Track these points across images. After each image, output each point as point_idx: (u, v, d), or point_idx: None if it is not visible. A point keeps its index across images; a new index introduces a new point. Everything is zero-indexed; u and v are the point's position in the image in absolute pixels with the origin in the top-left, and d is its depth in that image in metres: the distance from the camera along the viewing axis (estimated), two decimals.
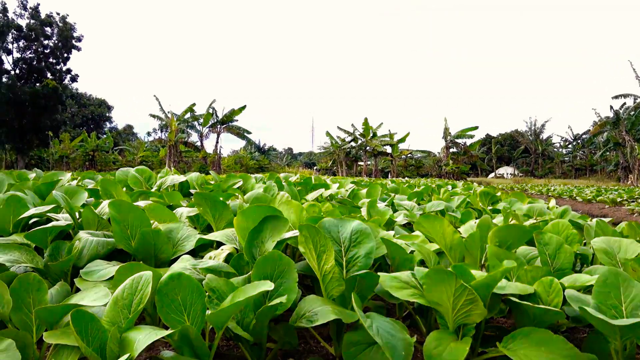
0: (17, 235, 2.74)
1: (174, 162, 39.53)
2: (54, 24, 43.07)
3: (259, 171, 51.69)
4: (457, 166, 46.42)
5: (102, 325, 1.56)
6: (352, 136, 48.10)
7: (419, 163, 54.21)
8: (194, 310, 1.67)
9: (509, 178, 65.40)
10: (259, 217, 2.26)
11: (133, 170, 5.32)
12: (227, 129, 42.52)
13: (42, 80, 41.51)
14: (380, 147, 46.35)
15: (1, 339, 1.65)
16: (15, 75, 41.15)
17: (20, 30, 41.75)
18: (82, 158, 45.70)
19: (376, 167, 48.29)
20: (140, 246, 2.44)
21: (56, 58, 43.57)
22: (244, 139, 45.84)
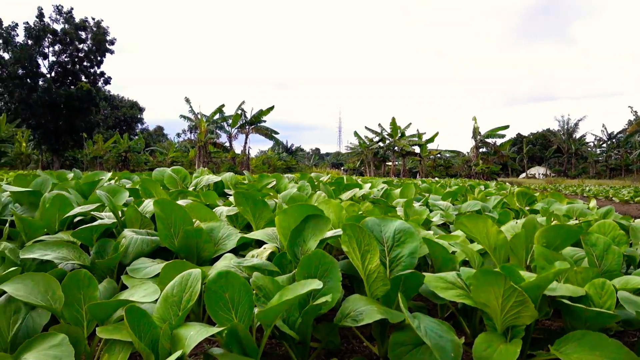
0: (63, 233, 2.81)
1: (203, 162, 40.05)
2: (88, 28, 44.18)
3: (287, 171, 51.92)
4: (488, 166, 45.67)
5: (153, 322, 1.59)
6: (380, 136, 47.86)
7: (448, 163, 53.55)
8: (242, 308, 1.68)
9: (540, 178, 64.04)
10: (300, 216, 2.26)
11: (169, 170, 5.41)
12: (255, 129, 42.85)
13: (77, 83, 42.64)
14: (408, 147, 45.97)
15: (55, 333, 1.70)
16: (51, 78, 42.35)
17: (56, 35, 42.96)
18: (115, 159, 46.77)
19: (404, 167, 47.91)
20: (183, 244, 2.48)
21: (90, 61, 44.68)
22: (272, 140, 46.11)
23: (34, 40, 41.87)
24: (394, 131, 45.43)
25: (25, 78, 40.97)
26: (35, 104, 39.77)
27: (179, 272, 2.07)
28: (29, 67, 41.00)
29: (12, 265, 2.23)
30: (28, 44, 41.52)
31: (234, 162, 43.20)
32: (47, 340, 1.68)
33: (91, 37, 44.23)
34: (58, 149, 42.45)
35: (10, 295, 1.83)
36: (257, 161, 54.17)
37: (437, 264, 2.42)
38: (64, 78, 43.78)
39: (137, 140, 51.13)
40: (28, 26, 41.75)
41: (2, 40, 40.85)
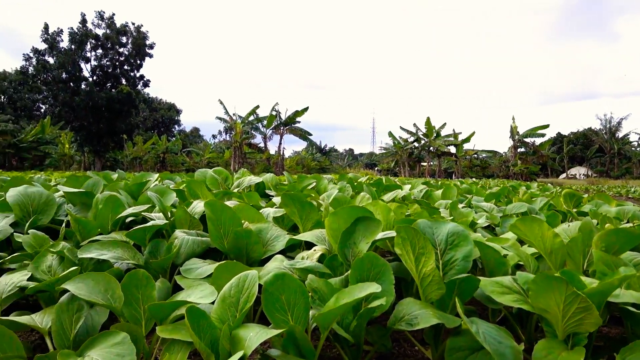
0: (116, 233, 2.89)
1: (238, 163, 40.54)
2: (128, 33, 45.41)
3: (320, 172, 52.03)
4: (526, 166, 44.53)
5: (212, 323, 1.61)
6: (415, 136, 47.34)
7: (485, 163, 52.51)
8: (297, 310, 1.69)
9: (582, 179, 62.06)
10: (350, 218, 2.25)
11: (211, 171, 5.49)
12: (289, 130, 43.09)
13: (117, 86, 43.89)
14: (443, 148, 45.32)
15: (116, 332, 1.74)
16: (93, 82, 43.72)
17: (98, 40, 44.33)
18: (154, 160, 47.88)
19: (440, 167, 47.25)
20: (233, 245, 2.50)
21: (130, 65, 45.91)
22: (306, 140, 46.28)
23: (77, 45, 43.32)
24: (429, 131, 44.86)
25: (69, 82, 42.43)
26: (78, 107, 41.14)
27: (231, 273, 2.10)
28: (72, 71, 42.44)
29: (71, 264, 2.31)
30: (72, 49, 42.96)
31: (268, 163, 43.56)
32: (109, 338, 1.72)
33: (131, 42, 45.45)
34: (99, 150, 43.77)
35: (73, 294, 1.89)
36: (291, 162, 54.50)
37: (489, 267, 2.37)
38: (105, 81, 45.12)
39: (175, 141, 52.23)
40: (72, 31, 43.23)
41: (47, 45, 42.42)
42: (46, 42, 42.62)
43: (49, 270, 2.34)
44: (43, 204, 3.17)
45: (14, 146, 42.21)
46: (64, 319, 1.86)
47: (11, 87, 64.01)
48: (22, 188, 3.20)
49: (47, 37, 42.56)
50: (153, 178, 4.46)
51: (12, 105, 62.50)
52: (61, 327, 1.84)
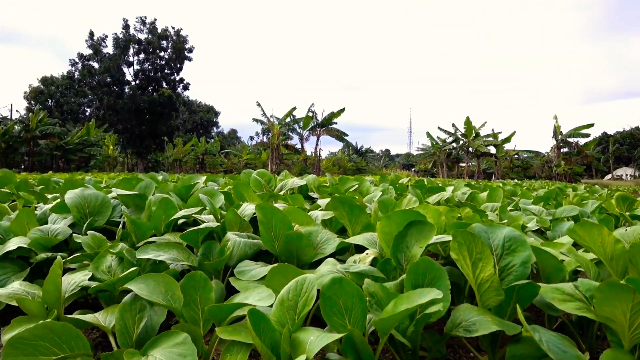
0: (169, 234, 2.96)
1: (275, 164, 40.90)
2: (169, 37, 46.50)
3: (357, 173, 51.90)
4: (570, 167, 43.11)
5: (272, 325, 1.63)
6: (454, 136, 46.60)
7: (526, 164, 51.14)
8: (355, 314, 1.69)
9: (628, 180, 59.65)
10: (403, 222, 2.24)
11: (254, 173, 5.56)
12: (326, 131, 43.14)
13: (159, 90, 45.01)
14: (483, 148, 44.38)
15: (178, 332, 1.79)
16: (135, 85, 44.98)
17: (140, 44, 45.58)
18: (193, 161, 48.88)
19: (479, 168, 46.32)
20: (284, 248, 2.53)
21: (170, 69, 46.99)
22: (343, 141, 46.23)
23: (120, 50, 44.67)
24: (468, 131, 44.05)
25: (113, 86, 43.79)
26: (122, 110, 42.42)
27: (284, 276, 2.12)
28: (116, 76, 43.79)
29: (130, 265, 2.38)
30: (116, 54, 44.33)
31: (305, 164, 43.76)
32: (171, 338, 1.77)
33: (172, 46, 46.52)
34: (142, 152, 45.00)
35: (136, 294, 1.95)
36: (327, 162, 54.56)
37: (545, 273, 2.31)
38: (147, 85, 46.34)
39: (213, 143, 53.15)
40: (116, 37, 44.62)
41: (93, 51, 43.92)
42: (91, 48, 44.13)
43: (109, 270, 2.42)
44: (99, 205, 3.28)
45: (60, 148, 43.88)
46: (127, 319, 1.92)
47: (58, 91, 66.64)
48: (79, 190, 3.32)
49: (92, 43, 44.05)
50: (201, 180, 4.55)
51: (59, 109, 65.03)
52: (124, 326, 1.90)
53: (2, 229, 3.02)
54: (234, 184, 3.94)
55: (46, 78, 67.43)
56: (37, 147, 43.12)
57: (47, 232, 2.90)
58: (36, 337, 1.72)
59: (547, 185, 15.42)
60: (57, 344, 1.75)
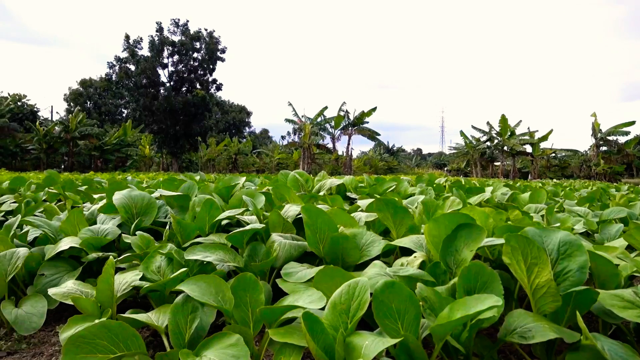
0: (213, 235, 3.00)
1: (307, 164, 41.02)
2: (201, 39, 47.20)
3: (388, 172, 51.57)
4: (610, 166, 41.74)
5: (325, 328, 1.63)
6: (488, 135, 45.70)
7: (564, 163, 49.76)
8: (408, 319, 1.67)
9: None
10: (452, 224, 2.20)
11: (292, 173, 5.58)
12: (358, 130, 43.01)
13: (192, 90, 45.76)
14: (519, 147, 43.38)
15: (230, 333, 1.81)
16: (170, 86, 45.86)
17: (174, 46, 46.42)
18: (226, 161, 49.52)
19: (514, 167, 45.33)
20: (329, 250, 2.53)
21: (204, 70, 47.69)
22: (374, 141, 46.00)
23: (155, 52, 45.60)
24: (503, 130, 43.12)
25: (149, 87, 44.74)
26: (157, 111, 43.32)
27: (331, 278, 2.12)
28: (151, 77, 44.73)
29: (179, 265, 2.42)
30: (151, 56, 45.29)
31: (337, 164, 43.75)
32: (224, 339, 1.79)
33: (205, 47, 47.20)
34: (176, 152, 45.85)
35: (187, 295, 1.98)
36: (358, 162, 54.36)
37: (600, 278, 2.23)
38: (181, 86, 47.16)
39: (246, 143, 53.72)
40: (151, 40, 45.58)
41: (129, 53, 44.98)
42: (127, 51, 45.18)
43: (158, 270, 2.47)
44: (145, 206, 3.35)
45: (99, 148, 45.13)
46: (179, 319, 1.95)
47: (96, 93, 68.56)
48: (126, 191, 3.40)
49: (128, 45, 45.11)
50: (241, 181, 4.60)
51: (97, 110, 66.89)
52: (177, 326, 1.93)
53: (53, 229, 3.11)
54: (274, 185, 3.97)
55: (85, 80, 69.48)
56: (77, 147, 44.46)
57: (97, 232, 2.98)
58: (94, 336, 1.77)
59: (588, 185, 14.95)
60: (115, 343, 1.79)
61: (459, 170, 57.97)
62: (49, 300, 2.51)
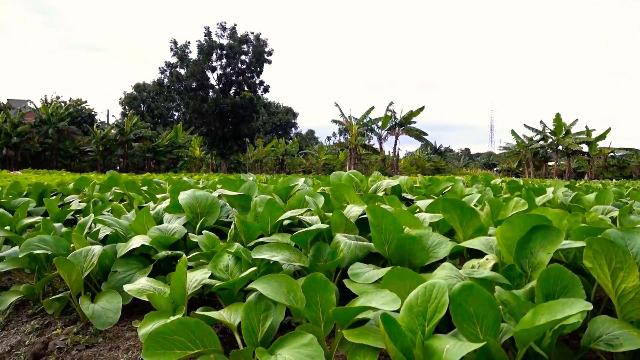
0: (276, 235, 3.03)
1: (354, 164, 40.95)
2: (249, 42, 47.98)
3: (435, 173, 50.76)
4: None
5: (403, 331, 1.61)
6: (542, 134, 44.15)
7: (622, 163, 47.45)
8: (487, 323, 1.63)
9: None
10: (526, 226, 2.13)
11: (346, 173, 5.58)
12: (405, 130, 42.58)
13: (240, 93, 46.58)
14: (574, 146, 41.67)
15: (303, 333, 1.81)
16: (219, 89, 46.88)
17: (222, 50, 47.40)
18: (273, 162, 50.16)
19: (569, 167, 43.61)
20: (395, 251, 2.50)
21: (251, 72, 48.46)
22: (421, 141, 45.41)
23: (204, 56, 46.70)
24: (558, 128, 41.52)
25: (198, 90, 45.89)
26: (207, 113, 44.37)
27: (401, 279, 2.09)
28: (200, 81, 45.85)
29: (247, 264, 2.46)
30: (199, 59, 46.43)
31: (384, 164, 43.48)
32: (297, 338, 1.80)
33: (252, 50, 47.95)
34: (225, 153, 46.82)
35: (260, 294, 2.01)
36: (404, 162, 53.84)
37: None
38: (229, 89, 48.12)
39: (292, 144, 54.23)
40: (200, 43, 46.73)
41: (178, 58, 46.28)
42: (176, 56, 46.47)
43: (226, 269, 2.52)
44: (209, 206, 3.43)
45: (152, 150, 46.73)
46: (252, 317, 1.98)
47: (149, 97, 71.05)
48: (190, 192, 3.49)
49: (176, 50, 46.39)
50: (300, 182, 4.64)
51: (150, 113, 69.31)
52: (250, 324, 1.96)
53: (123, 228, 3.23)
54: (332, 185, 3.98)
55: (139, 85, 72.16)
56: (131, 149, 46.20)
57: (164, 231, 3.07)
58: (173, 332, 1.82)
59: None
60: (191, 340, 1.83)
61: (510, 170, 56.35)
62: (122, 296, 2.61)
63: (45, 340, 2.48)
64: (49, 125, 43.33)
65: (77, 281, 2.58)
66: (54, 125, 43.39)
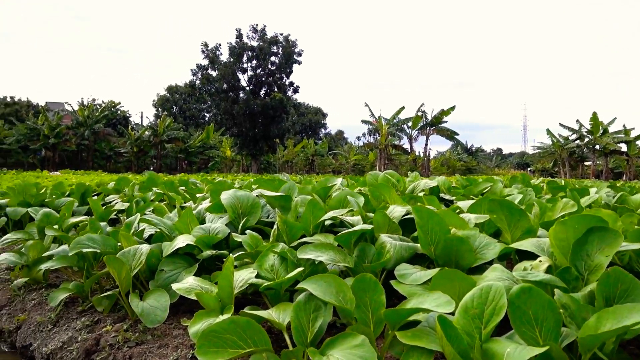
0: (318, 235, 3.03)
1: (384, 165, 40.69)
2: (279, 43, 48.23)
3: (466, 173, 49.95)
4: None
5: (459, 333, 1.58)
6: (578, 134, 42.93)
7: None
8: (547, 326, 1.58)
9: None
10: (581, 228, 2.07)
11: (382, 174, 5.54)
12: (436, 130, 42.03)
13: (270, 94, 46.86)
14: (612, 145, 40.33)
15: (355, 334, 1.80)
16: (249, 90, 47.28)
17: (253, 51, 47.78)
18: (303, 162, 50.30)
19: (607, 167, 42.28)
20: (442, 252, 2.47)
21: (281, 73, 48.67)
22: (453, 140, 44.75)
23: (235, 57, 47.15)
24: (595, 127, 40.24)
25: (229, 92, 46.38)
26: (237, 114, 44.81)
27: (450, 281, 2.06)
28: (231, 82, 46.33)
29: (292, 264, 2.46)
30: (230, 61, 46.93)
31: (414, 164, 43.06)
32: (348, 339, 1.79)
33: (282, 51, 48.19)
34: (256, 154, 47.18)
35: (310, 294, 2.01)
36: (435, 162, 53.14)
37: None
38: (259, 90, 48.45)
39: (322, 144, 54.25)
40: (231, 46, 47.23)
41: (209, 60, 46.87)
42: (207, 58, 47.07)
43: (272, 269, 2.53)
44: (250, 206, 3.46)
45: (184, 151, 47.46)
46: (302, 317, 1.97)
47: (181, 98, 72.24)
48: (232, 192, 3.52)
49: (207, 52, 47.00)
50: (338, 182, 4.63)
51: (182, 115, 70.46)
52: (299, 324, 1.96)
53: (168, 227, 3.28)
54: (368, 185, 3.95)
55: (171, 87, 73.45)
56: (164, 150, 47.03)
57: (208, 231, 3.10)
58: (225, 331, 1.83)
59: None
60: (243, 339, 1.84)
61: (544, 170, 55.01)
62: (169, 294, 2.64)
63: (96, 337, 2.54)
64: (86, 127, 44.47)
65: (127, 279, 2.63)
66: (90, 127, 44.51)
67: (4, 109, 49.75)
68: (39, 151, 44.22)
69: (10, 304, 3.41)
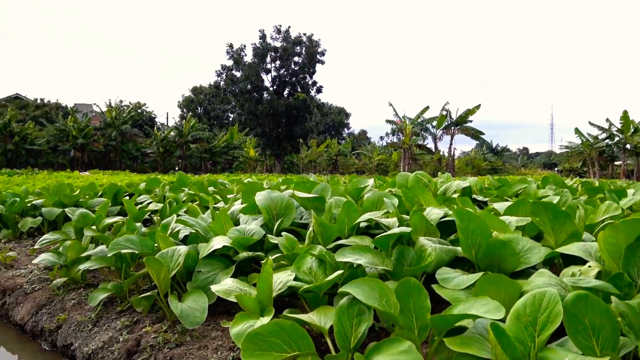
0: (354, 237, 3.00)
1: (408, 164, 40.38)
2: (302, 43, 48.33)
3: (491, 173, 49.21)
4: None
5: (512, 341, 1.54)
6: (608, 132, 41.87)
7: None
8: (604, 335, 1.53)
9: None
10: (634, 232, 2.00)
11: (412, 174, 5.48)
12: (461, 130, 41.52)
13: (294, 94, 47.00)
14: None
15: (400, 339, 1.77)
16: (273, 91, 47.51)
17: (277, 52, 47.99)
18: (326, 162, 50.29)
19: (638, 167, 41.12)
20: (484, 256, 2.41)
21: (304, 73, 48.78)
22: (478, 140, 44.15)
23: (259, 58, 47.44)
24: (625, 126, 39.14)
25: (253, 92, 46.70)
26: (261, 115, 45.09)
27: (495, 286, 2.01)
28: (255, 83, 46.63)
29: (331, 267, 2.45)
30: (254, 62, 47.23)
31: (439, 164, 42.64)
32: (394, 345, 1.75)
33: (305, 51, 48.28)
34: (279, 154, 47.42)
35: (353, 298, 1.98)
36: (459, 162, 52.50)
37: None
38: (283, 90, 48.64)
39: (345, 144, 54.14)
40: (255, 46, 47.53)
41: (233, 61, 47.25)
42: (232, 59, 47.47)
43: (310, 271, 2.51)
44: (284, 207, 3.45)
45: (208, 151, 47.94)
46: (345, 321, 1.95)
47: (206, 99, 73.00)
48: (266, 193, 3.52)
49: (232, 53, 47.39)
50: (370, 183, 4.60)
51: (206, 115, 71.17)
52: (342, 328, 1.94)
53: (203, 228, 3.30)
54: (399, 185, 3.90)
55: (196, 87, 74.28)
56: (189, 150, 47.58)
57: (243, 233, 3.11)
58: (269, 334, 1.82)
59: None
60: (287, 342, 1.83)
61: (572, 170, 53.83)
62: (207, 296, 2.65)
63: (137, 338, 2.56)
64: (113, 128, 45.32)
65: (165, 280, 2.65)
66: (118, 127, 45.34)
67: (34, 111, 50.93)
68: (68, 152, 45.18)
69: (49, 303, 3.48)
